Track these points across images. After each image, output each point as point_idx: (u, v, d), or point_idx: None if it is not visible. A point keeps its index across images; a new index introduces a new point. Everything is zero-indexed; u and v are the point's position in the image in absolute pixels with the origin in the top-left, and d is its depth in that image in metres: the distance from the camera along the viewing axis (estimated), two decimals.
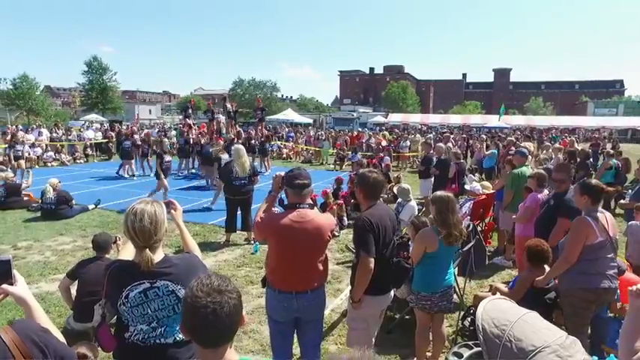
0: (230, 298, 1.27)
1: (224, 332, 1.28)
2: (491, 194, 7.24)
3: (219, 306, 1.25)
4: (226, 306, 1.26)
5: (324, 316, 3.28)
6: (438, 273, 3.46)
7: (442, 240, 3.27)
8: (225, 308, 1.25)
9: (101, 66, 45.05)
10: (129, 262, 1.93)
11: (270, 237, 2.80)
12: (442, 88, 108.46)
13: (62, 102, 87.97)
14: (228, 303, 1.26)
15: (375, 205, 2.98)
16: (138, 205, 1.88)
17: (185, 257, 2.05)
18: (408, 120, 45.81)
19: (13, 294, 1.53)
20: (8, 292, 1.53)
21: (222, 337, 1.29)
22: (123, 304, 1.87)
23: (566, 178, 4.41)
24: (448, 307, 3.56)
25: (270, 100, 65.52)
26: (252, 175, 6.99)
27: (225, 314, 1.25)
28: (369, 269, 2.77)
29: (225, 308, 1.25)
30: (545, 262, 3.62)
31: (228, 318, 1.26)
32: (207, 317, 1.23)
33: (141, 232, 1.83)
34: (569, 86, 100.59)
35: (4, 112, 49.87)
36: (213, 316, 1.24)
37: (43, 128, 21.62)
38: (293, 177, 2.77)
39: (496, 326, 2.35)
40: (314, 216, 2.74)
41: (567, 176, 4.48)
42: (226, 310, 1.25)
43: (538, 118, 48.60)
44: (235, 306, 1.28)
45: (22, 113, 45.21)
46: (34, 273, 5.67)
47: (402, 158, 18.32)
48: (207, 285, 1.27)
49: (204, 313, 1.23)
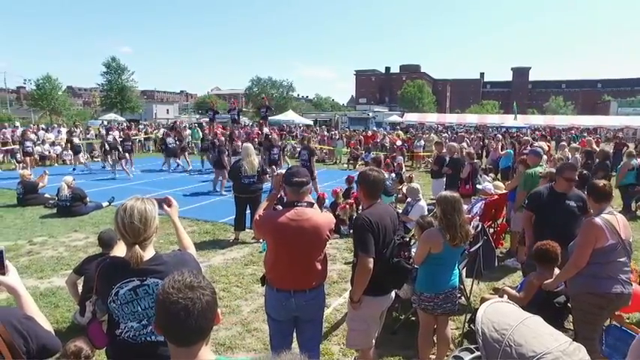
0: (203, 294, 1.23)
1: (197, 330, 1.23)
2: (504, 194, 7.09)
3: (191, 302, 1.20)
4: (198, 302, 1.21)
5: (323, 315, 3.24)
6: (442, 274, 3.38)
7: (447, 241, 3.19)
8: (197, 305, 1.21)
9: (119, 66, 45.95)
10: (119, 258, 1.93)
11: (268, 235, 2.78)
12: (459, 87, 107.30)
13: (83, 102, 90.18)
14: (200, 300, 1.22)
15: (376, 204, 2.94)
16: (128, 202, 1.88)
17: (177, 255, 2.03)
18: (424, 120, 45.32)
19: (3, 283, 1.59)
20: (0, 282, 1.58)
21: (195, 335, 1.25)
22: (113, 301, 1.86)
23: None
24: (452, 309, 3.48)
25: (286, 99, 65.72)
26: (261, 174, 7.00)
27: (197, 311, 1.21)
28: (367, 269, 2.72)
29: (197, 305, 1.21)
30: (554, 264, 3.51)
31: (200, 315, 1.21)
32: (178, 314, 1.19)
33: (130, 229, 1.82)
34: (591, 85, 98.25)
35: (28, 112, 51.32)
36: (184, 313, 1.19)
37: (63, 127, 22.18)
38: (291, 175, 2.74)
39: (496, 330, 2.27)
40: (312, 214, 2.71)
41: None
42: (198, 307, 1.21)
43: (558, 118, 47.48)
44: (209, 302, 1.24)
45: (45, 113, 46.45)
46: (47, 268, 5.79)
47: (417, 158, 18.14)
48: (179, 281, 1.23)
49: (175, 310, 1.19)
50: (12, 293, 1.62)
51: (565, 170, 4.25)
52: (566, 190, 4.16)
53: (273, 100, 54.79)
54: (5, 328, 1.38)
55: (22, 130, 18.08)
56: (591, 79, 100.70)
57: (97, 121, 37.65)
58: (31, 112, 50.28)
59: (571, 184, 4.18)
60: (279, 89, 66.44)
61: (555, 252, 3.47)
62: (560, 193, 4.16)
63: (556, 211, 4.17)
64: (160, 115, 59.81)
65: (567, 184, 4.16)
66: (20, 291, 1.60)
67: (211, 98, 53.49)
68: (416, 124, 40.75)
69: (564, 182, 4.17)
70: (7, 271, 1.60)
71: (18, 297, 1.60)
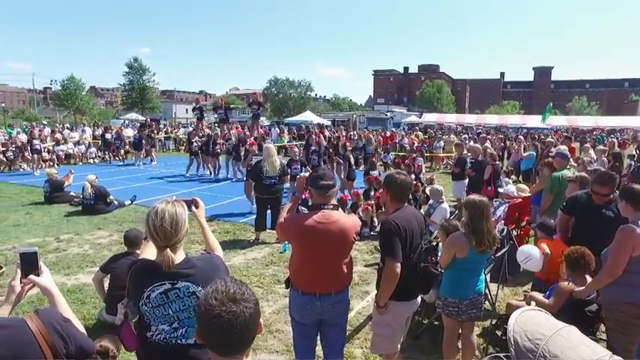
0: (246, 307, 1.19)
1: (238, 343, 1.20)
2: (528, 197, 6.93)
3: (234, 316, 1.16)
4: (242, 316, 1.17)
5: (348, 318, 3.21)
6: (467, 279, 3.32)
7: (473, 247, 3.13)
8: (240, 318, 1.17)
9: (141, 67, 46.79)
10: (150, 262, 1.94)
11: (294, 238, 2.77)
12: (479, 87, 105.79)
13: (105, 101, 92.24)
14: (244, 313, 1.18)
15: (403, 207, 2.89)
16: (159, 205, 1.88)
17: (206, 258, 2.03)
18: (443, 120, 44.73)
19: (38, 284, 1.61)
20: (35, 283, 1.61)
21: (237, 348, 1.21)
22: (144, 304, 1.88)
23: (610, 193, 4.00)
24: (477, 315, 3.41)
25: (305, 99, 65.82)
26: (283, 174, 7.01)
27: (240, 325, 1.16)
28: (395, 274, 2.68)
29: (240, 318, 1.17)
30: (586, 271, 3.41)
31: (243, 328, 1.17)
32: (221, 327, 1.15)
33: (162, 232, 1.82)
34: (617, 84, 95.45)
35: (54, 111, 52.79)
36: (227, 326, 1.15)
37: (87, 127, 22.71)
38: (317, 177, 2.72)
39: (529, 339, 2.21)
40: (339, 217, 2.69)
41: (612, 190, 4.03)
42: (242, 320, 1.17)
43: (581, 119, 46.15)
44: (252, 315, 1.20)
45: (69, 112, 47.69)
46: (73, 265, 5.93)
47: (436, 159, 17.90)
48: (222, 292, 1.19)
49: (218, 323, 1.16)
50: (46, 294, 1.64)
51: (594, 184, 4.12)
52: (601, 203, 4.00)
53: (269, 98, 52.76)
54: (47, 330, 1.40)
55: (49, 130, 18.67)
56: (618, 79, 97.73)
57: (118, 121, 38.48)
58: (56, 111, 51.71)
59: (604, 198, 3.99)
60: (298, 89, 66.55)
61: (588, 259, 3.37)
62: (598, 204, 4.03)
63: (592, 219, 4.02)
64: (180, 115, 60.59)
65: (599, 198, 4.02)
66: (54, 292, 1.63)
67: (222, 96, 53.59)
68: (435, 124, 40.28)
69: (595, 196, 4.04)
70: (41, 272, 1.62)
71: (52, 298, 1.62)
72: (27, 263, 1.59)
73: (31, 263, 1.59)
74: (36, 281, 1.59)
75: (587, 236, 3.88)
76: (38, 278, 1.59)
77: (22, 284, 1.58)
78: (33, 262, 1.59)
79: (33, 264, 1.59)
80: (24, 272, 1.58)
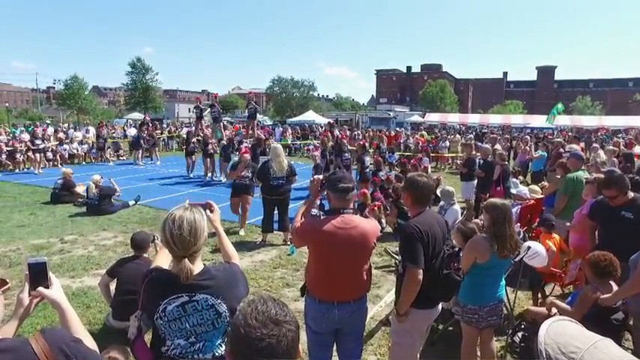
0: (288, 330, 1.09)
1: None
2: (540, 199, 6.81)
3: (276, 340, 1.06)
4: (284, 340, 1.07)
5: (365, 326, 3.10)
6: (487, 285, 3.21)
7: (495, 252, 3.01)
8: (282, 343, 1.07)
9: (144, 66, 46.71)
10: (167, 272, 1.81)
11: (312, 244, 2.65)
12: (481, 87, 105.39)
13: (108, 101, 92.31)
14: (286, 336, 1.08)
15: (425, 211, 2.77)
16: (177, 212, 1.75)
17: (226, 268, 1.91)
18: (446, 120, 44.52)
19: (47, 297, 1.48)
20: (44, 296, 1.48)
21: None
22: (160, 318, 1.76)
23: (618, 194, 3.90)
24: (497, 322, 3.30)
25: (307, 99, 65.66)
26: (290, 175, 6.89)
27: (282, 349, 1.07)
28: (416, 281, 2.56)
29: (282, 343, 1.07)
30: (611, 278, 3.28)
31: (285, 353, 1.07)
32: (261, 351, 1.05)
33: (180, 242, 1.70)
34: (621, 84, 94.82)
35: (57, 111, 52.86)
36: (268, 351, 1.05)
37: (91, 126, 22.66)
38: (336, 180, 2.61)
39: (562, 353, 2.08)
40: (359, 222, 2.57)
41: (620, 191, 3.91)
42: (284, 345, 1.07)
43: (585, 118, 45.84)
44: (293, 339, 1.10)
45: (72, 112, 47.71)
46: (78, 267, 5.83)
47: (441, 159, 17.78)
48: (263, 313, 1.09)
49: (258, 347, 1.05)
50: (55, 308, 1.51)
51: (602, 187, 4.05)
52: (618, 205, 3.90)
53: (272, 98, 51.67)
54: (53, 352, 1.28)
55: (52, 129, 18.64)
56: (622, 78, 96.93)
57: (121, 120, 38.43)
58: (59, 111, 51.77)
59: (616, 200, 3.90)
60: (301, 89, 66.36)
61: (615, 265, 3.24)
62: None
63: (610, 221, 3.95)
64: (183, 114, 60.60)
65: (612, 200, 3.92)
66: (64, 306, 1.49)
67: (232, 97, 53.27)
68: (438, 124, 40.08)
69: (610, 199, 3.96)
70: (51, 284, 1.49)
71: (62, 312, 1.49)
72: (35, 274, 1.46)
73: (40, 274, 1.47)
74: (45, 294, 1.46)
75: (609, 239, 3.83)
76: (48, 291, 1.47)
77: (30, 297, 1.46)
78: (42, 273, 1.47)
79: (42, 275, 1.47)
80: (32, 284, 1.46)
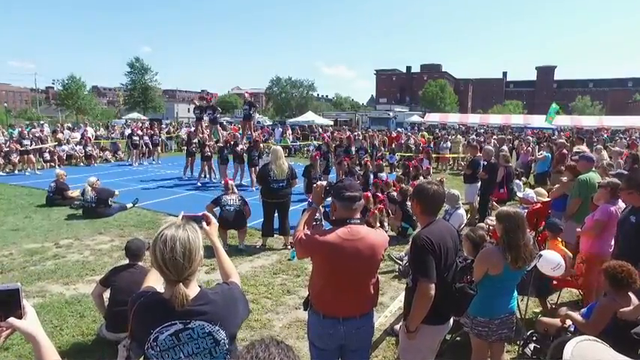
0: None
1: None
2: (547, 202, 6.65)
3: None
4: None
5: (371, 342, 2.93)
6: (499, 297, 3.04)
7: (509, 263, 2.85)
8: None
9: (143, 67, 46.52)
10: (158, 297, 1.63)
11: (316, 256, 2.47)
12: (481, 87, 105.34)
13: (107, 101, 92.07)
14: None
15: (435, 221, 2.60)
16: (167, 231, 1.56)
17: (224, 291, 1.72)
18: (446, 120, 44.33)
19: (20, 329, 1.26)
20: (15, 328, 1.26)
21: None
22: (151, 348, 1.58)
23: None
24: (509, 335, 3.13)
25: (307, 99, 65.53)
26: (291, 178, 6.72)
27: None
28: (428, 296, 2.40)
29: None
30: (629, 289, 3.12)
31: None
32: None
33: (173, 266, 1.52)
34: (620, 84, 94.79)
35: (56, 111, 52.62)
36: None
37: (89, 127, 22.47)
38: (342, 188, 2.42)
39: None
40: (366, 233, 2.40)
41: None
42: None
43: (585, 118, 45.63)
44: None
45: (71, 112, 47.46)
46: (73, 273, 5.65)
47: (442, 160, 17.61)
48: None
49: None
50: (30, 340, 1.30)
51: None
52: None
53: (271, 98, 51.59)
54: None
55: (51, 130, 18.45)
56: (621, 78, 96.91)
57: (120, 120, 38.22)
58: (58, 111, 51.51)
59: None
60: (300, 89, 66.21)
61: (630, 276, 3.07)
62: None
63: (621, 226, 3.88)
64: (182, 114, 60.38)
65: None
66: (40, 339, 1.28)
67: (231, 97, 52.98)
68: (437, 124, 39.91)
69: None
70: (25, 313, 1.28)
71: (37, 346, 1.28)
72: (6, 303, 1.26)
73: (12, 302, 1.26)
74: (17, 326, 1.25)
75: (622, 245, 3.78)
76: (20, 322, 1.26)
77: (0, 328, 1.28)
78: (14, 301, 1.26)
79: (14, 303, 1.26)
80: (2, 314, 1.25)
